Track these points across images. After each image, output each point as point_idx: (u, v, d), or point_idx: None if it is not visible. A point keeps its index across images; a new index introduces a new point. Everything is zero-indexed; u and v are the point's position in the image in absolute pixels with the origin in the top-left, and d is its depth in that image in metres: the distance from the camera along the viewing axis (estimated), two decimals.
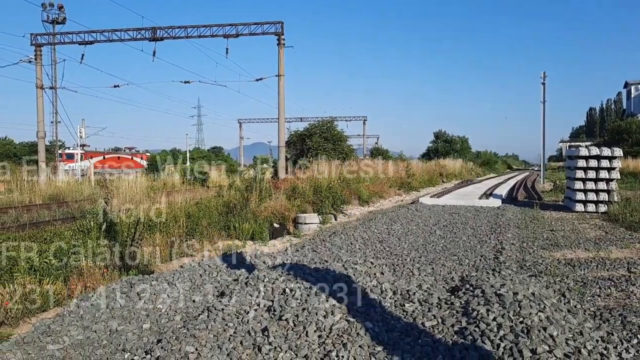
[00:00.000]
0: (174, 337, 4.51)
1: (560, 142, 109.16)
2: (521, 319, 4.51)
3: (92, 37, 27.77)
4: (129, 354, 4.61)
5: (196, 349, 4.24)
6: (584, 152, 18.18)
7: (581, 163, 18.05)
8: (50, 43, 29.63)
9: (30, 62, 28.34)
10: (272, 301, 5.17)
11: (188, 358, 4.12)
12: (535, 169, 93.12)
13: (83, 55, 28.43)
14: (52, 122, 37.53)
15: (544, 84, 37.66)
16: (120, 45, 35.27)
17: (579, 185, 17.90)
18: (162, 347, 4.34)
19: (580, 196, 17.87)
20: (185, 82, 31.30)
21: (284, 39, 25.48)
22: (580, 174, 18.02)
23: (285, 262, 7.75)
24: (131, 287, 6.02)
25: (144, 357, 4.35)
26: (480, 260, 9.60)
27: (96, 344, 4.81)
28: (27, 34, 28.55)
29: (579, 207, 17.83)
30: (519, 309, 4.69)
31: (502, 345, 4.13)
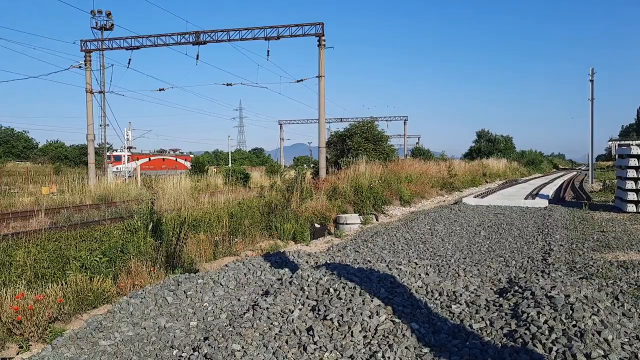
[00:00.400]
0: (221, 335, 4.57)
1: (609, 141, 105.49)
2: (574, 322, 4.37)
3: (138, 42, 28.48)
4: (177, 350, 4.70)
5: (242, 347, 4.28)
6: (636, 150, 17.51)
7: (633, 162, 17.41)
8: (99, 49, 30.55)
9: (80, 67, 29.28)
10: (317, 301, 5.17)
11: (235, 356, 4.16)
12: (583, 168, 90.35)
13: (130, 60, 29.15)
14: (100, 125, 38.79)
15: (592, 81, 36.51)
16: (165, 50, 36.14)
17: (630, 185, 17.26)
18: (209, 345, 4.40)
19: (632, 196, 17.23)
20: (227, 85, 31.76)
21: (324, 40, 25.51)
22: (632, 173, 17.38)
23: (328, 262, 7.74)
24: (178, 285, 6.13)
25: (192, 354, 4.42)
26: (527, 261, 9.37)
27: (145, 340, 4.92)
28: (78, 41, 29.50)
29: (631, 207, 17.19)
30: (571, 312, 4.54)
31: (555, 349, 4.01)
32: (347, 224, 16.16)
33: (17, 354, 5.79)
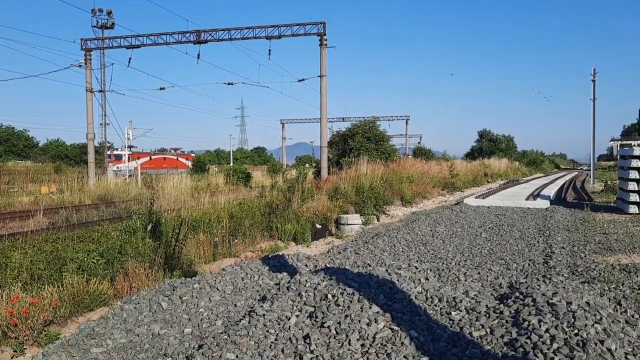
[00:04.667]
0: (215, 343, 4.47)
1: (611, 141, 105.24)
2: (576, 331, 4.27)
3: (139, 40, 28.38)
4: (170, 358, 4.61)
5: (237, 356, 4.18)
6: (638, 151, 17.39)
7: (635, 163, 17.28)
8: (99, 48, 30.47)
9: (80, 66, 29.18)
10: (314, 307, 5.07)
11: None
12: (584, 168, 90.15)
13: (130, 58, 29.06)
14: (101, 124, 38.75)
15: (594, 81, 36.38)
16: (165, 49, 35.97)
17: (632, 186, 17.15)
18: (202, 354, 4.30)
19: (634, 197, 17.11)
20: (228, 84, 31.67)
21: (326, 40, 25.40)
22: (634, 174, 17.26)
23: (328, 265, 7.65)
24: (174, 290, 6.04)
25: None
26: (528, 264, 9.26)
27: (138, 347, 4.83)
28: (78, 39, 29.38)
29: (633, 209, 17.07)
30: (573, 320, 4.44)
31: (556, 359, 3.91)
32: (348, 224, 16.09)
33: (12, 357, 5.72)
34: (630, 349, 4.16)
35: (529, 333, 4.30)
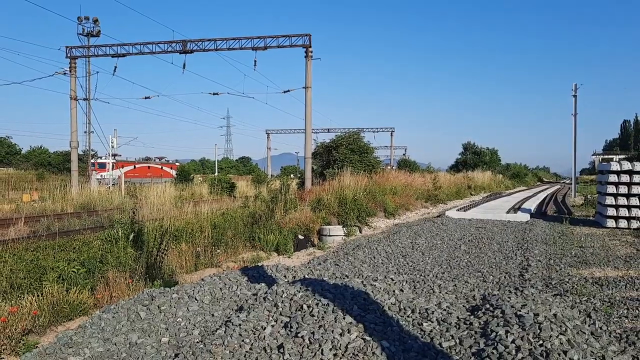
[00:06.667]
0: (191, 352, 4.56)
1: (593, 155, 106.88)
2: (541, 342, 4.42)
3: (125, 49, 28.41)
4: None
5: None
6: (615, 167, 17.79)
7: (612, 178, 17.68)
8: (84, 55, 30.42)
9: (65, 74, 29.11)
10: (290, 317, 5.18)
11: None
12: (567, 182, 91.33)
13: (116, 67, 29.03)
14: (85, 132, 38.51)
15: (575, 96, 37.07)
16: (151, 58, 36.03)
17: (610, 200, 17.52)
18: None
19: (611, 212, 17.49)
20: (214, 94, 31.82)
21: (311, 51, 25.66)
22: (611, 189, 17.65)
23: (306, 276, 7.76)
24: (152, 299, 6.11)
25: None
26: (504, 277, 9.45)
27: (115, 356, 4.89)
28: (63, 47, 29.34)
29: (610, 222, 17.44)
30: (539, 331, 4.60)
31: None
32: (330, 235, 16.18)
33: None
34: (592, 359, 4.32)
35: (495, 344, 4.45)
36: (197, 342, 4.94)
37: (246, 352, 4.55)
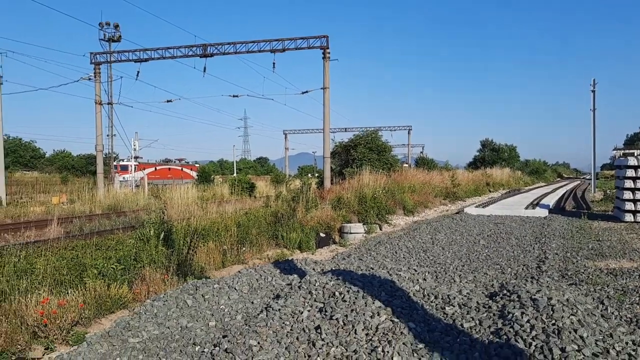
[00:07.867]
0: (238, 333, 5.12)
1: (613, 150, 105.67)
2: (553, 321, 4.88)
3: (147, 54, 29.15)
4: (199, 347, 5.27)
5: (258, 343, 4.82)
6: (632, 161, 18.00)
7: (630, 172, 17.88)
8: (108, 61, 31.30)
9: (89, 79, 29.97)
10: (323, 303, 5.71)
11: (252, 350, 4.71)
12: (587, 177, 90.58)
13: (138, 72, 29.73)
14: (107, 136, 39.54)
15: (593, 91, 37.06)
16: (172, 62, 36.74)
17: (628, 195, 17.74)
18: (228, 341, 4.96)
19: (629, 206, 17.70)
20: (233, 96, 32.41)
21: (329, 52, 26.13)
22: (629, 183, 17.85)
23: (334, 269, 8.28)
24: (196, 289, 6.68)
25: (213, 349, 4.97)
26: (522, 269, 9.85)
27: (170, 338, 5.48)
28: (87, 53, 30.17)
29: (629, 217, 17.65)
30: (551, 312, 5.06)
31: (534, 344, 4.53)
32: (351, 233, 16.67)
33: (43, 354, 6.30)
34: (600, 337, 4.77)
35: (512, 323, 4.94)
36: (242, 325, 5.50)
37: (287, 332, 5.10)
